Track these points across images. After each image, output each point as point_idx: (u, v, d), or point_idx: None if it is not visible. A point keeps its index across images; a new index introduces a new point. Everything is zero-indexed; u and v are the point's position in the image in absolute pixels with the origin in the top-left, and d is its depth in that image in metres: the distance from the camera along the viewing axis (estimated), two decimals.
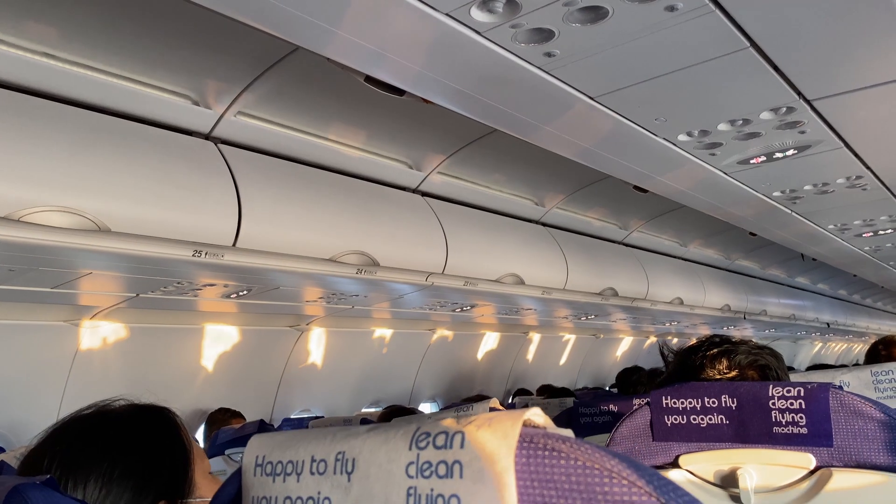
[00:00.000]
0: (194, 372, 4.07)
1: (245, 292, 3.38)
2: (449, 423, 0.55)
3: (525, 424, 0.53)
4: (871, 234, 4.24)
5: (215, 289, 3.24)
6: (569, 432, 0.55)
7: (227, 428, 3.44)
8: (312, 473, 0.61)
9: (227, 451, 3.31)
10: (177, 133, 2.69)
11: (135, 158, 2.44)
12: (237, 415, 3.97)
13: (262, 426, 3.31)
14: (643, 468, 0.50)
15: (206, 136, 2.80)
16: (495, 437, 0.51)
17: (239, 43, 2.46)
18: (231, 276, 3.05)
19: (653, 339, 8.84)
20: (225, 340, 4.18)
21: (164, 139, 2.61)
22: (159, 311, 3.73)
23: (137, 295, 3.21)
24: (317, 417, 4.21)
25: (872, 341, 3.02)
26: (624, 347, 8.50)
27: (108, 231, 2.35)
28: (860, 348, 16.44)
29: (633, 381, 4.68)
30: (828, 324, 10.51)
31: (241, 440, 3.29)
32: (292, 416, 4.56)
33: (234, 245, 2.70)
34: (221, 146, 2.80)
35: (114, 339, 3.63)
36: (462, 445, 0.52)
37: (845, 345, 15.89)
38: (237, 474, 0.70)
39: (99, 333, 3.56)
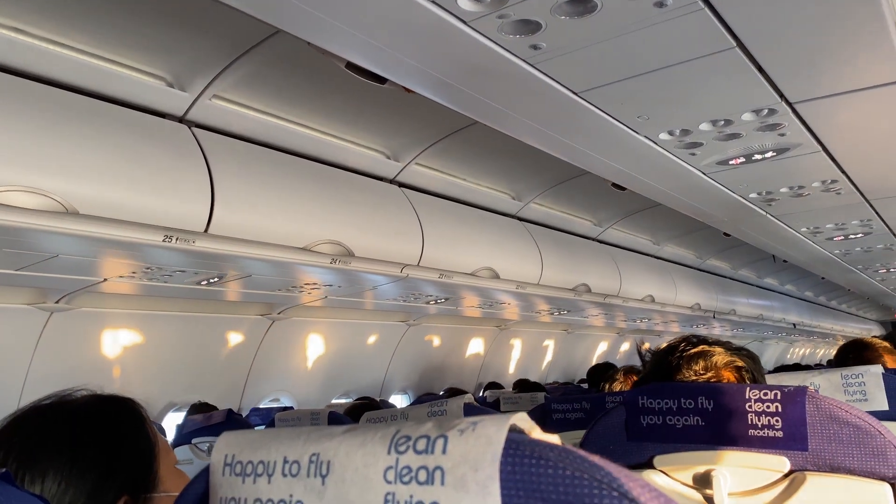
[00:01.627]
0: (161, 359, 4.00)
1: (216, 279, 3.32)
2: (430, 426, 0.52)
3: (511, 430, 0.50)
4: (842, 237, 4.30)
5: (185, 275, 3.17)
6: (555, 438, 0.53)
7: (194, 416, 3.38)
8: (285, 475, 0.58)
9: (193, 440, 3.26)
10: (150, 115, 2.62)
11: (105, 140, 2.38)
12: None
13: (230, 416, 3.26)
14: (634, 479, 0.48)
15: (180, 119, 2.74)
16: (479, 443, 0.49)
17: (217, 24, 2.40)
18: (202, 263, 2.99)
19: (628, 342, 8.91)
20: (193, 327, 4.11)
21: (137, 121, 2.55)
22: (127, 297, 3.66)
23: (105, 279, 3.13)
24: (285, 408, 4.17)
25: (839, 344, 3.05)
26: (595, 343, 8.55)
27: (76, 213, 2.29)
28: (823, 353, 16.77)
29: (605, 377, 4.70)
30: (794, 324, 10.70)
31: (208, 429, 3.24)
32: (261, 406, 4.50)
33: (205, 231, 2.64)
34: (196, 130, 2.74)
35: (79, 325, 3.55)
36: (444, 451, 0.50)
37: (809, 349, 16.18)
38: (205, 473, 0.67)
39: (64, 318, 3.47)
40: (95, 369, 3.66)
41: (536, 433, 0.53)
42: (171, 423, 3.95)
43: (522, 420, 0.52)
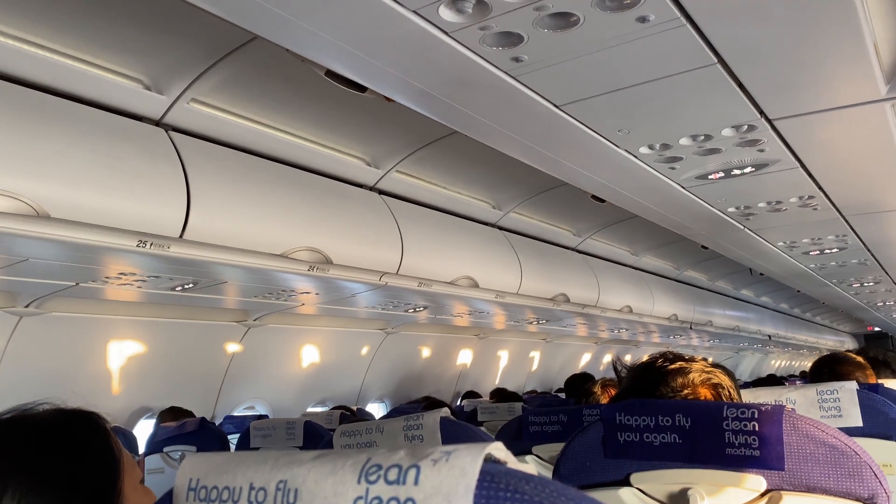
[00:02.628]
0: (133, 365, 3.93)
1: (191, 285, 3.27)
2: (402, 455, 0.51)
3: (486, 459, 0.48)
4: (818, 252, 4.35)
5: (159, 280, 3.12)
6: (531, 468, 0.51)
7: (167, 425, 3.33)
8: (250, 502, 0.56)
9: (165, 449, 3.21)
10: (126, 118, 2.58)
11: (79, 142, 2.33)
12: (189, 415, 3.86)
13: (203, 424, 3.22)
14: None
15: (157, 123, 2.69)
16: (453, 475, 0.47)
17: (196, 27, 2.36)
18: (176, 269, 2.94)
19: (610, 353, 8.94)
20: (167, 334, 4.05)
21: (112, 123, 2.50)
22: (99, 301, 3.59)
23: (77, 284, 3.08)
24: (260, 416, 4.12)
25: (815, 357, 3.07)
26: (573, 352, 8.57)
27: (48, 217, 2.24)
28: (800, 364, 16.96)
29: (582, 391, 4.70)
30: (769, 336, 10.80)
31: (180, 438, 3.19)
32: (235, 414, 4.45)
33: (180, 237, 2.60)
34: (172, 133, 2.70)
35: (49, 329, 3.47)
36: (416, 482, 0.48)
37: (786, 361, 16.35)
38: (168, 497, 0.64)
39: (34, 322, 3.40)
40: (65, 374, 3.59)
41: (512, 463, 0.51)
42: (143, 430, 3.89)
43: (498, 449, 0.51)
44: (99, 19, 2.26)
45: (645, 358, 1.51)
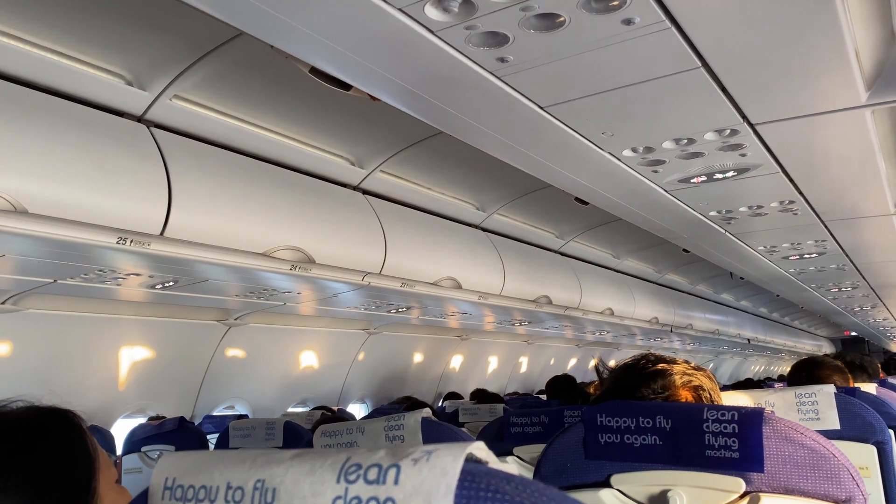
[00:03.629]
0: (111, 364, 3.89)
1: (171, 283, 3.24)
2: (383, 454, 0.50)
3: (467, 459, 0.48)
4: (798, 257, 4.39)
5: (139, 278, 3.09)
6: (512, 468, 0.51)
7: (145, 424, 3.29)
8: (227, 502, 0.55)
9: (143, 448, 3.18)
10: (107, 113, 2.55)
11: (59, 138, 2.30)
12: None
13: (182, 423, 3.19)
14: None
15: (139, 119, 2.67)
16: (433, 474, 0.46)
17: (180, 22, 2.34)
18: (157, 266, 2.91)
19: (595, 359, 8.96)
20: (147, 332, 4.01)
21: (93, 119, 2.47)
22: (76, 299, 3.55)
23: (55, 281, 3.04)
24: (240, 416, 4.09)
25: (793, 362, 3.10)
26: (555, 354, 8.60)
27: (25, 212, 2.20)
28: (778, 369, 17.13)
29: (561, 389, 4.72)
30: (749, 339, 10.90)
31: (159, 437, 3.16)
32: (215, 414, 4.41)
33: (161, 234, 2.57)
34: (154, 130, 2.67)
35: (26, 327, 3.43)
36: (396, 481, 0.47)
37: (764, 366, 16.51)
38: (143, 496, 0.63)
39: (10, 319, 3.35)
40: (42, 372, 3.54)
41: (494, 463, 0.51)
42: (121, 430, 3.84)
43: (479, 449, 0.50)
44: (80, 13, 2.23)
45: (627, 359, 1.52)
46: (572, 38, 1.45)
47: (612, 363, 1.60)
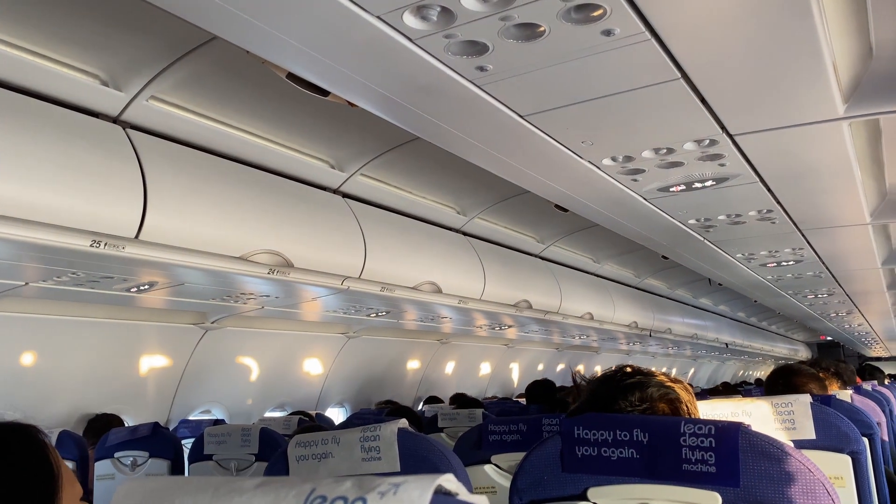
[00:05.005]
0: (85, 368, 3.82)
1: (147, 287, 3.19)
2: (349, 486, 0.48)
3: (436, 492, 0.47)
4: (775, 264, 4.43)
5: (114, 281, 3.04)
6: (483, 500, 0.50)
7: (118, 429, 3.23)
8: None
9: (116, 454, 3.12)
10: (82, 114, 2.51)
11: (32, 138, 2.26)
12: (119, 422, 3.75)
13: (157, 429, 3.13)
14: None
15: (114, 120, 2.63)
16: None
17: (157, 22, 2.31)
18: (132, 270, 2.87)
19: (581, 367, 9.01)
20: (121, 335, 3.95)
21: (68, 120, 2.43)
22: (50, 301, 3.48)
23: (27, 283, 2.98)
24: (217, 421, 4.04)
25: (770, 366, 3.12)
26: (534, 358, 8.61)
27: None
28: (755, 373, 17.31)
29: (539, 394, 4.72)
30: (726, 344, 10.99)
31: (132, 443, 3.10)
32: (191, 418, 4.35)
33: (136, 237, 2.53)
34: (130, 131, 2.63)
35: None
36: None
37: (741, 371, 16.65)
38: None
39: None
40: (10, 378, 3.47)
41: (464, 495, 0.49)
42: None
43: (448, 481, 0.49)
44: (55, 11, 2.19)
45: (605, 371, 1.51)
46: (552, 48, 1.45)
47: (585, 369, 1.59)
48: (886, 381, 6.17)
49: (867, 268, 4.86)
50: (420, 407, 6.10)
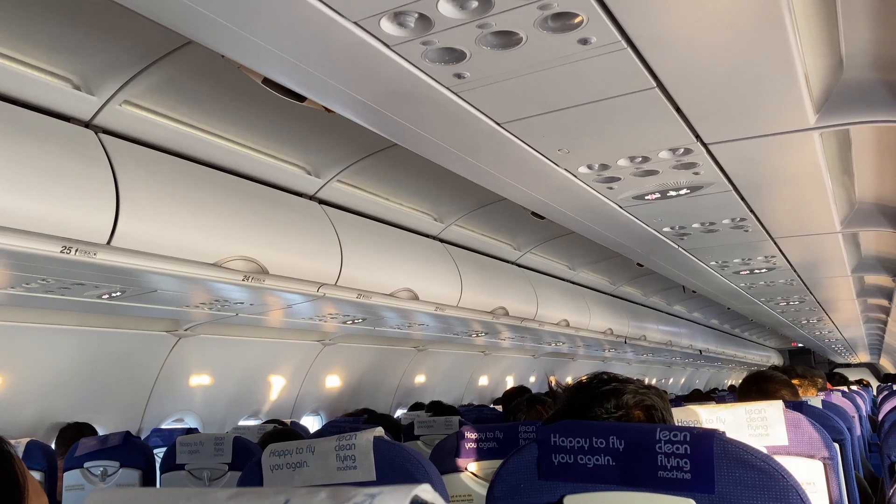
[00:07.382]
0: (54, 376, 3.75)
1: (119, 294, 3.14)
2: (323, 498, 0.48)
3: (413, 502, 0.46)
4: (748, 272, 4.48)
5: (85, 288, 2.99)
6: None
7: (88, 438, 3.17)
8: None
9: (86, 464, 3.06)
10: (53, 118, 2.46)
11: (2, 142, 2.22)
12: (92, 431, 3.68)
13: (128, 437, 3.08)
14: None
15: (87, 124, 2.58)
16: None
17: (131, 26, 2.28)
18: (104, 276, 2.82)
19: (551, 378, 9.03)
20: (92, 342, 3.88)
21: (38, 124, 2.39)
22: (18, 309, 3.42)
23: None
24: (189, 430, 3.98)
25: (743, 373, 3.16)
26: (510, 365, 8.62)
27: None
28: (729, 379, 17.49)
29: (510, 409, 4.71)
30: (700, 350, 11.10)
31: (102, 452, 3.04)
32: (163, 427, 4.29)
33: (108, 243, 2.49)
34: (102, 136, 2.59)
35: None
36: None
37: (714, 377, 16.83)
38: None
39: None
40: None
41: None
42: None
43: (425, 492, 0.48)
44: (26, 14, 2.15)
45: (581, 378, 1.51)
46: (529, 56, 1.45)
47: (562, 377, 1.60)
48: (848, 388, 6.28)
49: (837, 276, 4.94)
50: (396, 414, 6.08)
